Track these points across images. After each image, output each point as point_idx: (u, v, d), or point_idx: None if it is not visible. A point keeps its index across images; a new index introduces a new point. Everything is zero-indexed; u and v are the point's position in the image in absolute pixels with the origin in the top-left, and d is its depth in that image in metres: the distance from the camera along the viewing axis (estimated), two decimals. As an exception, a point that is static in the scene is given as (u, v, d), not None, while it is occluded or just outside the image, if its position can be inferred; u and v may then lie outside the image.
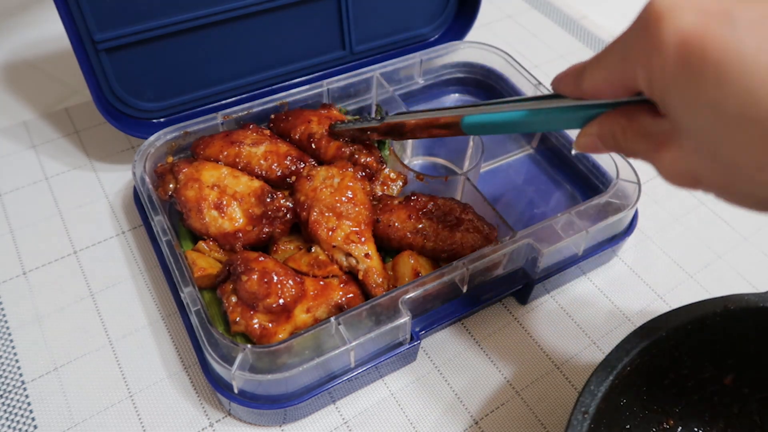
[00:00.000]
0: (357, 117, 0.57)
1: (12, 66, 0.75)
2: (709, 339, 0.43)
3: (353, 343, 0.43)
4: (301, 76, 0.67)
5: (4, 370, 0.49)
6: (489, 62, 0.70)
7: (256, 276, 0.45)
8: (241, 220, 0.50)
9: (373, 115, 0.65)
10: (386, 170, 0.56)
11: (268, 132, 0.57)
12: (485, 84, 0.72)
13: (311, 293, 0.47)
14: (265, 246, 0.52)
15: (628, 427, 0.43)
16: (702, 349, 0.44)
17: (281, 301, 0.45)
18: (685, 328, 0.41)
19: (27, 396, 0.48)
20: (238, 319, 0.45)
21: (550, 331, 0.53)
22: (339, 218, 0.49)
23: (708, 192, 0.31)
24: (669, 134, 0.30)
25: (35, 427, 0.46)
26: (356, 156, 0.54)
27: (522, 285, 0.52)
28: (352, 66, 0.69)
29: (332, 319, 0.44)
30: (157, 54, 0.58)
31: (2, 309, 0.53)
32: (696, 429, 0.45)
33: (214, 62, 0.61)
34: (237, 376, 0.42)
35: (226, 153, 0.54)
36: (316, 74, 0.67)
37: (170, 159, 0.56)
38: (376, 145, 0.57)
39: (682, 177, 0.31)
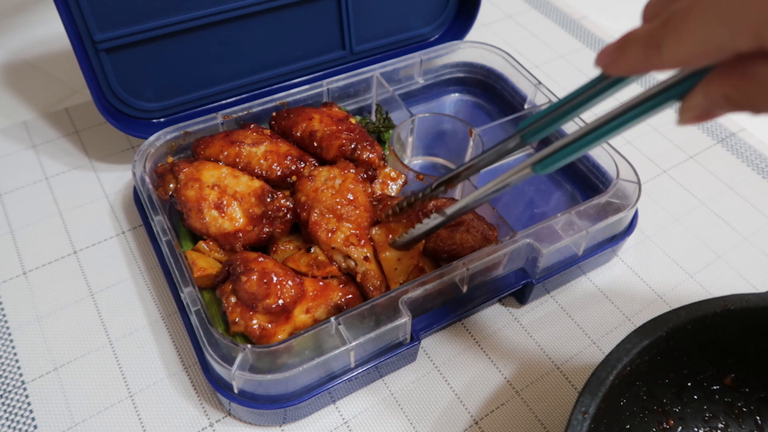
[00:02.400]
0: (406, 203, 0.49)
1: (12, 66, 0.75)
2: (709, 339, 0.43)
3: (353, 343, 0.43)
4: (301, 76, 0.67)
5: (4, 370, 0.49)
6: (489, 62, 0.70)
7: (255, 276, 0.45)
8: (242, 220, 0.50)
9: (373, 117, 0.65)
10: (387, 169, 0.56)
11: (268, 132, 0.57)
12: (485, 84, 0.72)
13: (311, 294, 0.47)
14: (264, 246, 0.52)
15: (628, 427, 0.43)
16: (702, 349, 0.44)
17: (281, 301, 0.45)
18: (685, 328, 0.41)
19: (27, 396, 0.48)
20: (237, 319, 0.45)
21: (550, 331, 0.53)
22: (339, 220, 0.49)
23: None
24: None
25: (35, 427, 0.46)
26: (359, 152, 0.54)
27: (522, 285, 0.52)
28: (352, 66, 0.69)
29: (332, 319, 0.44)
30: (157, 54, 0.58)
31: (2, 309, 0.53)
32: (696, 429, 0.45)
33: (214, 62, 0.61)
34: (237, 376, 0.42)
35: (226, 153, 0.54)
36: (316, 74, 0.67)
37: (170, 159, 0.56)
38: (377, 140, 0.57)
39: None
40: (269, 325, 0.45)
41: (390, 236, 0.49)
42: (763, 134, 0.72)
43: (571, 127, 0.62)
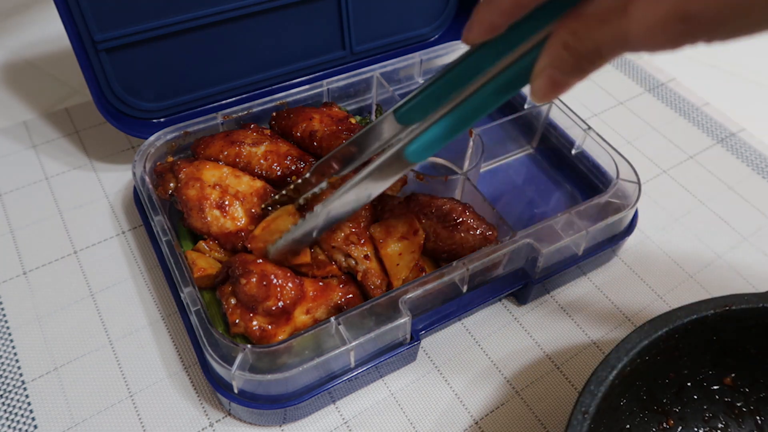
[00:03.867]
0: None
1: (12, 66, 0.75)
2: (709, 339, 0.43)
3: (353, 343, 0.43)
4: (301, 76, 0.67)
5: (4, 370, 0.49)
6: (489, 62, 0.70)
7: (254, 279, 0.45)
8: (244, 220, 0.50)
9: (373, 116, 0.65)
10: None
11: (268, 132, 0.57)
12: (485, 84, 0.72)
13: (311, 294, 0.47)
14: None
15: (628, 427, 0.43)
16: (702, 349, 0.44)
17: (281, 303, 0.45)
18: (685, 328, 0.41)
19: (27, 396, 0.48)
20: (237, 321, 0.45)
21: (550, 331, 0.53)
22: (339, 218, 0.49)
23: (699, 36, 0.25)
24: None
25: (35, 427, 0.46)
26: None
27: (522, 285, 0.52)
28: (352, 66, 0.69)
29: (332, 319, 0.44)
30: (157, 54, 0.58)
31: (2, 309, 0.53)
32: (696, 429, 0.45)
33: (214, 62, 0.61)
34: (237, 376, 0.42)
35: (226, 153, 0.54)
36: (316, 74, 0.67)
37: (170, 159, 0.56)
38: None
39: (667, 24, 0.25)
40: (269, 327, 0.45)
41: (390, 234, 0.49)
42: (763, 134, 0.72)
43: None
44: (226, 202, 0.50)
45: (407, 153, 0.38)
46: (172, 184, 0.52)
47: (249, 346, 0.42)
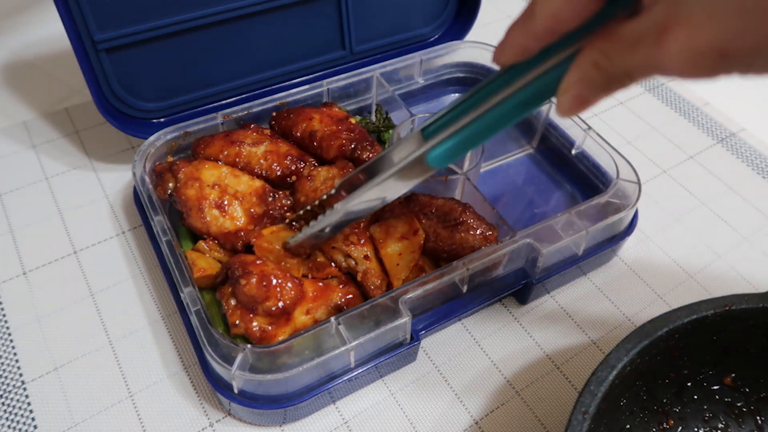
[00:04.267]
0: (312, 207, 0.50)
1: (12, 66, 0.75)
2: (709, 339, 0.43)
3: (353, 343, 0.43)
4: (301, 76, 0.67)
5: (4, 370, 0.49)
6: (489, 62, 0.70)
7: (254, 279, 0.45)
8: (243, 220, 0.50)
9: (373, 117, 0.65)
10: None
11: (268, 132, 0.57)
12: (485, 84, 0.72)
13: (311, 295, 0.47)
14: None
15: (628, 427, 0.43)
16: (702, 349, 0.44)
17: (281, 304, 0.45)
18: (685, 328, 0.41)
19: (27, 396, 0.48)
20: (237, 322, 0.45)
21: (550, 331, 0.53)
22: (339, 218, 0.49)
23: (734, 69, 0.25)
24: (667, 18, 0.25)
25: (35, 427, 0.46)
26: (359, 152, 0.54)
27: (522, 285, 0.52)
28: (352, 66, 0.69)
29: (332, 319, 0.44)
30: (157, 54, 0.58)
31: (2, 309, 0.53)
32: (696, 429, 0.45)
33: (214, 62, 0.61)
34: (237, 376, 0.42)
35: (226, 153, 0.54)
36: (316, 74, 0.67)
37: (170, 159, 0.56)
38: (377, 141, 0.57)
39: (704, 57, 0.24)
40: (269, 327, 0.45)
41: (389, 234, 0.49)
42: (763, 134, 0.72)
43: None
44: (225, 202, 0.50)
45: (429, 158, 0.39)
46: (171, 184, 0.52)
47: (249, 346, 0.42)
